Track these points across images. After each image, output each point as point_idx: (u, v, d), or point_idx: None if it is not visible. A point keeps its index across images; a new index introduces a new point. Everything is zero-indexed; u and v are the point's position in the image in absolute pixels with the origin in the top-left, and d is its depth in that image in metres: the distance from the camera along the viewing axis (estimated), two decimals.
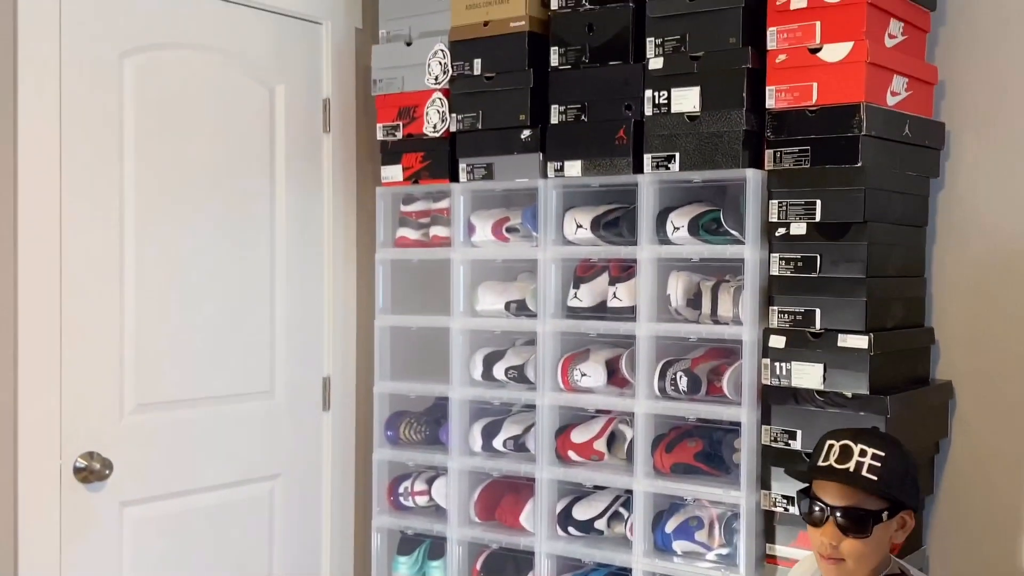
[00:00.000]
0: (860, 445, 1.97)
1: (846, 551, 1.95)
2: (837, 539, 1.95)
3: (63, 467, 2.60)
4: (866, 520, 1.94)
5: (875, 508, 1.94)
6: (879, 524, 1.95)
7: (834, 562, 1.98)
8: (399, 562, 3.14)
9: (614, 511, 2.77)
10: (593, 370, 2.77)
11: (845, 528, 1.94)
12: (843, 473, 1.95)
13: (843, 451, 1.98)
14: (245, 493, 3.05)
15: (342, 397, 3.28)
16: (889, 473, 1.95)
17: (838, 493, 1.96)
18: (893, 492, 1.95)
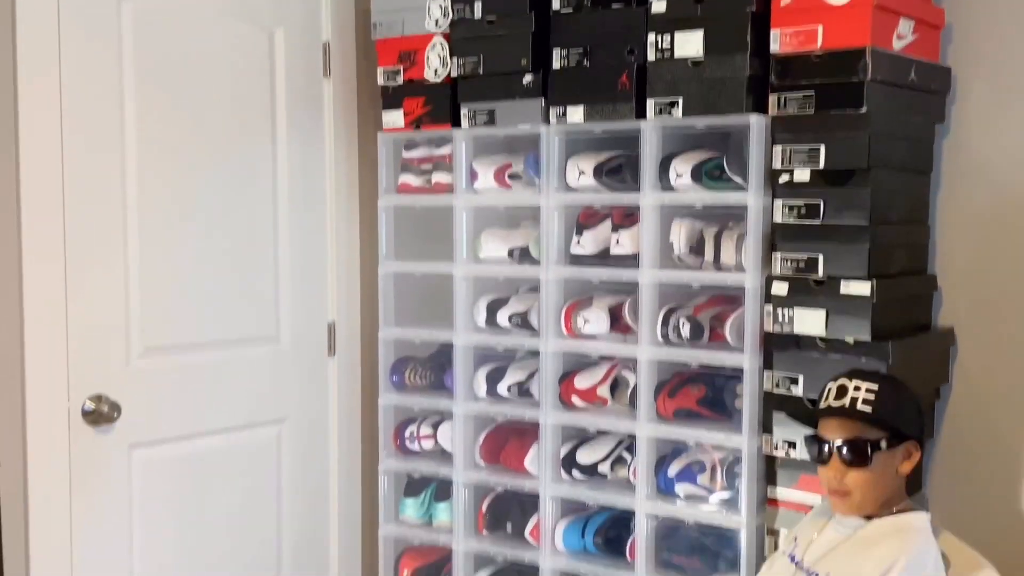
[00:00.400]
0: (855, 381, 2.06)
1: (851, 483, 2.02)
2: (842, 472, 2.02)
3: (71, 410, 2.64)
4: (866, 449, 2.01)
5: (873, 437, 2.01)
6: (879, 452, 2.01)
7: (841, 495, 2.04)
8: (406, 504, 3.19)
9: (617, 455, 2.81)
10: (596, 317, 2.79)
11: (848, 460, 2.01)
12: (839, 408, 2.04)
13: (839, 390, 2.07)
14: (252, 436, 3.09)
15: (347, 343, 3.30)
16: (883, 404, 2.02)
17: (838, 428, 2.04)
18: (888, 420, 2.01)
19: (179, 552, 2.89)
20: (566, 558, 2.84)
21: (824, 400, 2.09)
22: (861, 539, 2.04)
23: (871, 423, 2.01)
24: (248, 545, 3.07)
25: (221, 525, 2.99)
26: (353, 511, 3.33)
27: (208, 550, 2.96)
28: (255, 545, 3.10)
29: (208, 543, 2.96)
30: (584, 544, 2.80)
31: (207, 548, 2.96)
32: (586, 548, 2.81)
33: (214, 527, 2.97)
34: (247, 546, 3.07)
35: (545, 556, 2.86)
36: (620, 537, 2.77)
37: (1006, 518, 2.59)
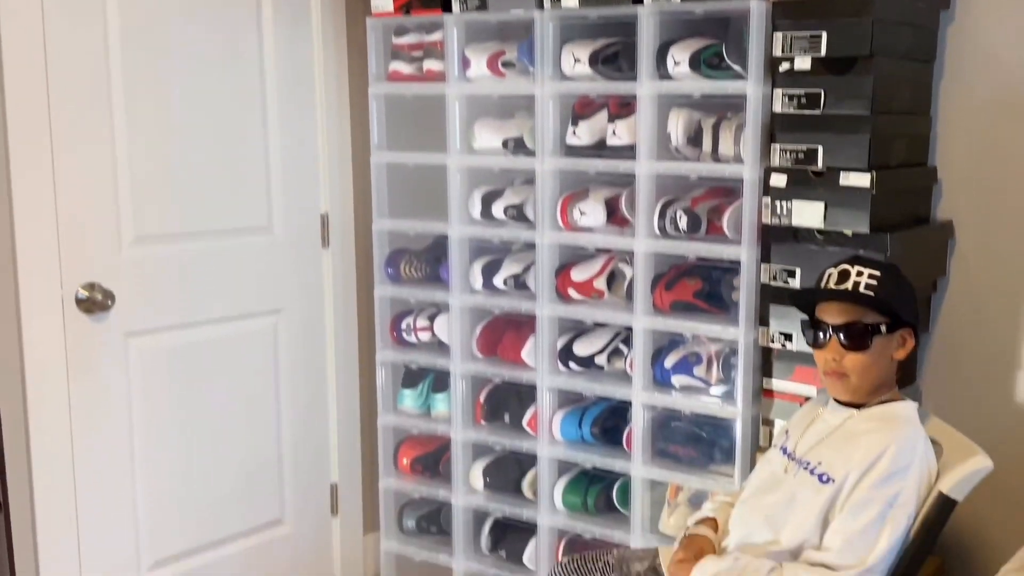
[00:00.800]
0: (857, 267, 2.07)
1: (849, 366, 2.05)
2: (840, 355, 2.05)
3: (64, 298, 2.64)
4: (865, 333, 2.03)
5: (873, 322, 2.03)
6: (878, 336, 2.04)
7: (838, 377, 2.07)
8: (404, 395, 3.22)
9: (614, 347, 2.82)
10: (592, 209, 2.76)
11: (847, 344, 2.04)
12: (842, 292, 2.05)
13: (841, 274, 2.08)
14: (249, 327, 3.10)
15: (341, 234, 3.28)
16: (885, 289, 2.03)
17: (838, 311, 2.06)
18: (890, 304, 2.03)
19: (179, 440, 2.93)
20: (564, 447, 2.88)
21: (824, 284, 2.09)
22: (851, 429, 2.07)
23: (872, 308, 2.03)
24: (248, 434, 3.11)
25: (220, 414, 3.02)
26: (351, 401, 3.37)
27: (208, 439, 3.00)
28: (255, 434, 3.13)
29: (208, 432, 3.00)
30: (581, 434, 2.84)
31: (207, 437, 2.99)
32: (583, 438, 2.85)
33: (213, 416, 3.00)
34: (247, 435, 3.11)
35: (543, 445, 2.90)
36: (617, 427, 2.81)
37: (999, 410, 2.61)
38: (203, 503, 3.01)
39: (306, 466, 3.28)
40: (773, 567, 1.96)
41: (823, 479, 2.01)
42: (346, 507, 3.38)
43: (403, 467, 3.24)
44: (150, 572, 2.89)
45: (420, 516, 3.23)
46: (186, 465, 2.95)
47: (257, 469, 3.15)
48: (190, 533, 2.99)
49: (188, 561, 2.98)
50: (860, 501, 1.94)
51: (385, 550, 3.27)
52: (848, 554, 1.91)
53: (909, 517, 1.94)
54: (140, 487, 2.85)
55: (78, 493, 2.70)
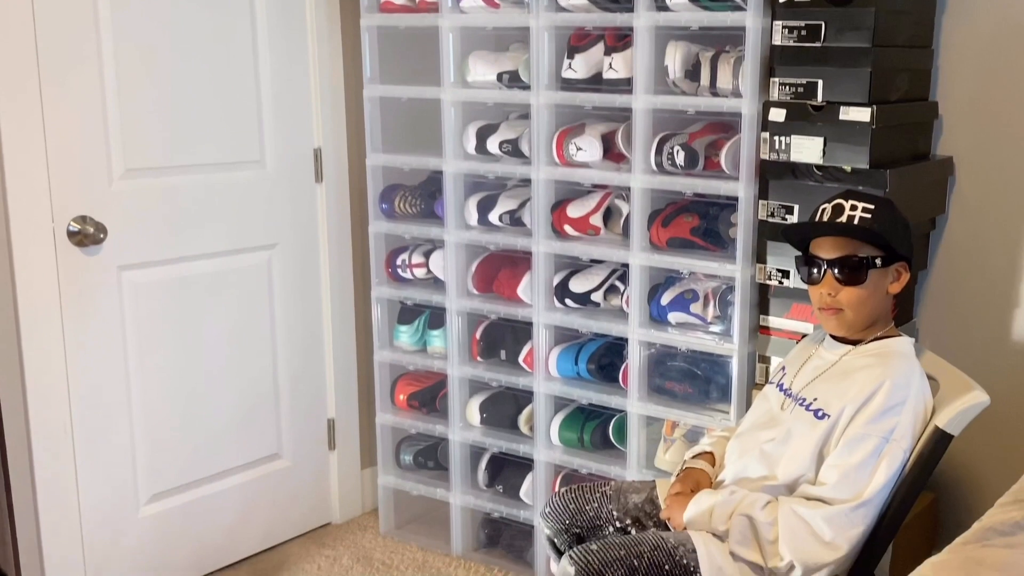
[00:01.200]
0: (851, 201, 2.05)
1: (844, 301, 2.03)
2: (835, 290, 2.03)
3: (56, 230, 2.62)
4: (860, 267, 2.02)
5: (868, 255, 2.02)
6: (873, 270, 2.02)
7: (833, 312, 2.06)
8: (400, 331, 3.22)
9: (610, 284, 2.81)
10: (589, 144, 2.72)
11: (842, 278, 2.02)
12: (836, 225, 2.03)
13: (835, 209, 2.06)
14: (243, 262, 3.08)
15: (335, 169, 3.24)
16: (880, 222, 2.01)
17: (833, 246, 2.04)
18: (885, 237, 2.01)
19: (175, 374, 2.93)
20: (560, 384, 2.89)
21: (818, 219, 2.07)
22: (847, 365, 2.06)
23: (866, 241, 2.01)
24: (244, 369, 3.11)
25: (216, 349, 3.02)
26: (347, 338, 3.36)
27: (204, 373, 3.00)
28: (251, 369, 3.13)
29: (204, 366, 3.00)
30: (577, 370, 2.85)
31: (203, 371, 2.99)
32: (579, 374, 2.85)
33: (209, 351, 3.00)
34: (243, 370, 3.11)
35: (539, 382, 2.90)
36: (613, 364, 2.81)
37: (995, 347, 2.62)
38: (200, 437, 3.02)
39: (303, 401, 3.29)
40: (769, 500, 1.97)
41: (819, 415, 2.01)
42: (343, 442, 3.40)
43: (400, 403, 3.25)
44: (148, 505, 2.91)
45: (417, 451, 3.25)
46: (182, 399, 2.96)
47: (254, 403, 3.15)
48: (188, 466, 3.00)
49: (186, 494, 3.00)
50: (856, 436, 1.94)
51: (382, 485, 3.30)
52: (844, 488, 1.92)
53: (905, 452, 1.94)
54: (137, 421, 2.85)
55: (74, 427, 2.71)
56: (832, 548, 1.89)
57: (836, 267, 2.02)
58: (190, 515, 3.01)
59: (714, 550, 1.99)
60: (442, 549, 3.19)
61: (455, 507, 3.14)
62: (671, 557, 1.98)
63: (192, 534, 3.03)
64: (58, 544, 2.70)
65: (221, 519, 3.10)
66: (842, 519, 1.90)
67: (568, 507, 2.29)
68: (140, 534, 2.90)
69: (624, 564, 1.97)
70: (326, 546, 3.26)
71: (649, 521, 2.25)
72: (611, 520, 2.26)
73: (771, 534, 1.93)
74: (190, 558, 3.03)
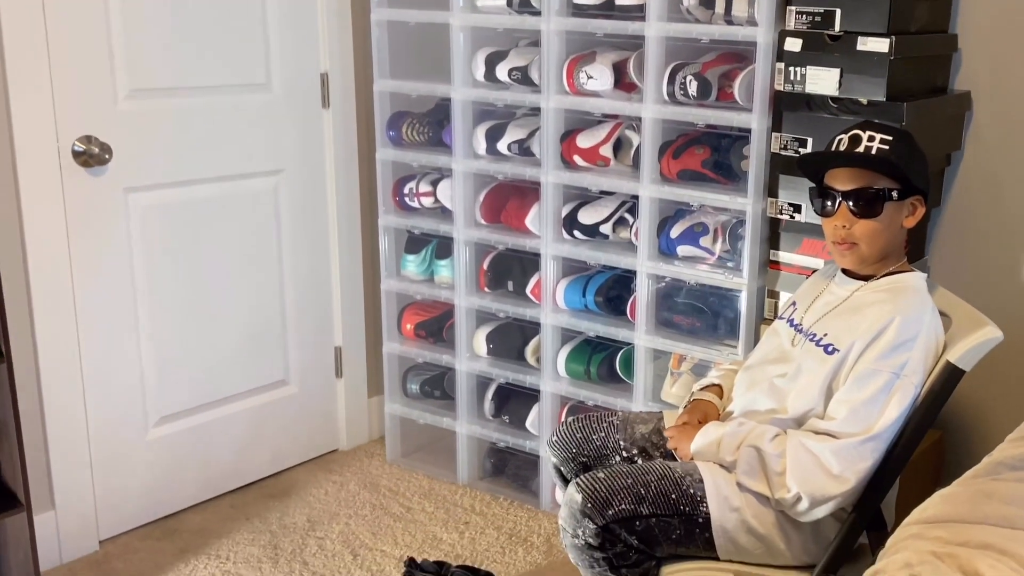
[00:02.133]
0: (868, 132, 2.01)
1: (859, 234, 2.00)
2: (850, 222, 2.00)
3: (61, 150, 2.60)
4: (876, 199, 1.98)
5: (885, 187, 1.98)
6: (889, 202, 1.99)
7: (848, 246, 2.03)
8: (407, 260, 3.20)
9: (619, 216, 2.78)
10: (600, 73, 2.68)
11: (857, 210, 1.99)
12: (854, 155, 1.99)
13: (852, 140, 2.02)
14: (250, 186, 3.07)
15: (342, 94, 3.21)
16: (897, 154, 1.98)
17: (848, 177, 2.00)
18: (902, 169, 1.97)
19: (182, 298, 2.93)
20: (567, 315, 2.88)
21: (834, 149, 2.03)
22: (858, 301, 2.04)
23: (883, 173, 1.98)
24: (251, 294, 3.11)
25: (222, 274, 3.02)
26: (354, 266, 3.35)
27: (211, 298, 3.00)
28: (258, 295, 3.13)
29: (210, 291, 3.00)
30: (585, 303, 2.84)
31: (210, 295, 3.00)
32: (587, 306, 2.84)
33: (216, 276, 3.00)
34: (250, 295, 3.11)
35: (546, 313, 2.90)
36: (621, 297, 2.80)
37: (1007, 287, 2.60)
38: (208, 361, 3.03)
39: (310, 328, 3.29)
40: (777, 433, 1.97)
41: (829, 350, 2.00)
42: (350, 370, 3.41)
43: (407, 332, 3.25)
44: (156, 428, 2.94)
45: (424, 380, 3.26)
46: (190, 323, 2.96)
47: (261, 329, 3.16)
48: (196, 390, 3.02)
49: (194, 417, 3.03)
50: (866, 372, 1.93)
51: (389, 413, 3.32)
52: (853, 423, 1.91)
53: (916, 387, 1.93)
54: (144, 344, 2.87)
55: (82, 350, 2.72)
56: (840, 481, 1.90)
57: (851, 199, 1.99)
58: (198, 438, 3.04)
59: (720, 480, 2.00)
60: (448, 478, 3.22)
61: (461, 436, 3.16)
62: (678, 486, 1.99)
63: (200, 457, 3.06)
64: (66, 466, 2.73)
65: (229, 443, 3.13)
66: (851, 452, 1.90)
67: (575, 436, 2.29)
68: (148, 456, 2.93)
69: (631, 492, 1.98)
70: (333, 472, 3.29)
71: (656, 451, 2.25)
72: (618, 450, 2.27)
73: (779, 466, 1.93)
74: (198, 480, 3.06)
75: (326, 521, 2.98)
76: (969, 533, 1.55)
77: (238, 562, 2.77)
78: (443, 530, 2.93)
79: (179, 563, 2.76)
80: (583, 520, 1.97)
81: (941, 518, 1.62)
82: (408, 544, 2.85)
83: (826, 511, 1.93)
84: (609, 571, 2.00)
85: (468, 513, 3.03)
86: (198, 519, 3.00)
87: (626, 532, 1.97)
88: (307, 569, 2.73)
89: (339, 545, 2.85)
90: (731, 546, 1.99)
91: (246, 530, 2.94)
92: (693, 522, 1.98)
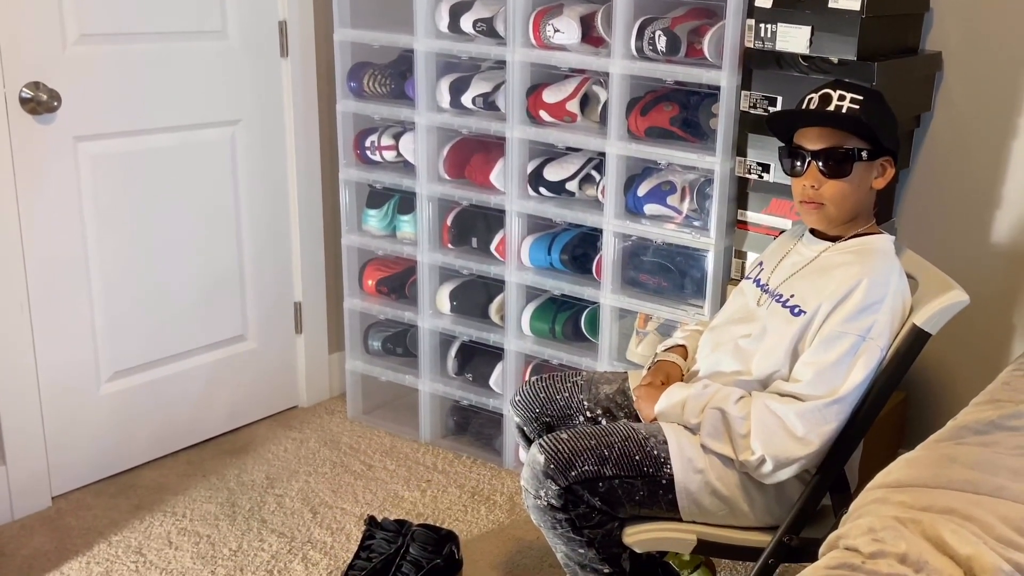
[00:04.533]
0: (839, 91, 1.99)
1: (827, 194, 1.98)
2: (819, 182, 1.98)
3: (8, 96, 2.53)
4: (846, 159, 1.96)
5: (855, 147, 1.96)
6: (859, 163, 1.96)
7: (815, 206, 2.01)
8: (369, 215, 3.15)
9: (586, 173, 2.74)
10: (567, 26, 2.62)
11: (826, 170, 1.97)
12: (824, 114, 1.97)
13: (822, 99, 1.99)
14: (205, 136, 2.99)
15: (301, 43, 3.13)
16: (868, 113, 1.96)
17: (818, 136, 1.98)
18: (873, 129, 1.95)
19: (135, 250, 2.87)
20: (532, 273, 2.85)
21: (805, 108, 2.01)
22: (825, 262, 2.03)
23: (853, 132, 1.95)
24: (207, 248, 3.05)
25: (177, 226, 2.95)
26: (314, 220, 3.29)
27: (165, 250, 2.94)
28: (215, 248, 3.07)
29: (165, 243, 2.93)
30: (550, 260, 2.80)
31: (164, 248, 2.94)
32: (552, 264, 2.81)
33: (170, 227, 2.94)
34: (206, 249, 3.05)
35: (511, 271, 2.86)
36: (587, 255, 2.77)
37: (975, 248, 2.60)
38: (163, 315, 2.97)
39: (269, 283, 3.23)
40: (742, 395, 1.96)
41: (795, 311, 1.98)
42: (310, 326, 3.36)
43: (368, 288, 3.20)
44: (110, 383, 2.88)
45: (386, 337, 3.23)
46: (144, 276, 2.90)
47: (217, 283, 3.10)
48: (150, 345, 2.97)
49: (149, 373, 2.98)
50: (832, 334, 1.92)
51: (350, 370, 3.28)
52: (820, 385, 1.91)
53: (882, 350, 1.92)
54: (96, 297, 2.80)
55: (31, 302, 2.65)
56: (804, 443, 1.89)
57: (821, 159, 1.96)
58: (153, 394, 2.99)
59: (684, 441, 1.99)
60: (410, 435, 3.19)
61: (424, 394, 3.13)
62: (642, 448, 1.98)
63: (155, 413, 3.01)
64: (17, 421, 2.68)
65: (185, 399, 3.08)
66: (815, 415, 1.90)
67: (538, 396, 2.27)
68: (102, 412, 2.88)
69: (594, 454, 1.96)
70: (293, 428, 3.25)
71: (620, 412, 2.24)
72: (581, 410, 2.25)
73: (743, 428, 1.92)
74: (154, 436, 3.02)
75: (285, 478, 2.95)
76: (932, 498, 1.55)
77: (195, 519, 2.73)
78: (404, 488, 2.91)
79: (134, 520, 2.72)
80: (545, 481, 1.96)
81: (905, 482, 1.62)
82: (369, 502, 2.83)
83: (790, 473, 1.93)
84: (572, 532, 1.99)
85: (430, 471, 3.01)
86: (154, 475, 2.95)
87: (589, 493, 1.95)
88: (265, 527, 2.70)
89: (298, 503, 2.82)
90: (695, 507, 1.99)
91: (203, 487, 2.90)
92: (657, 483, 1.97)
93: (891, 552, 1.41)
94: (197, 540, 2.64)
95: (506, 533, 2.69)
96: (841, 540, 1.50)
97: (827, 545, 1.53)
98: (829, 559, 1.45)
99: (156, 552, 2.59)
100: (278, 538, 2.65)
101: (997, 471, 1.61)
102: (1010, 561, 1.39)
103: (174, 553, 2.59)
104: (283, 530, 2.68)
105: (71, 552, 2.58)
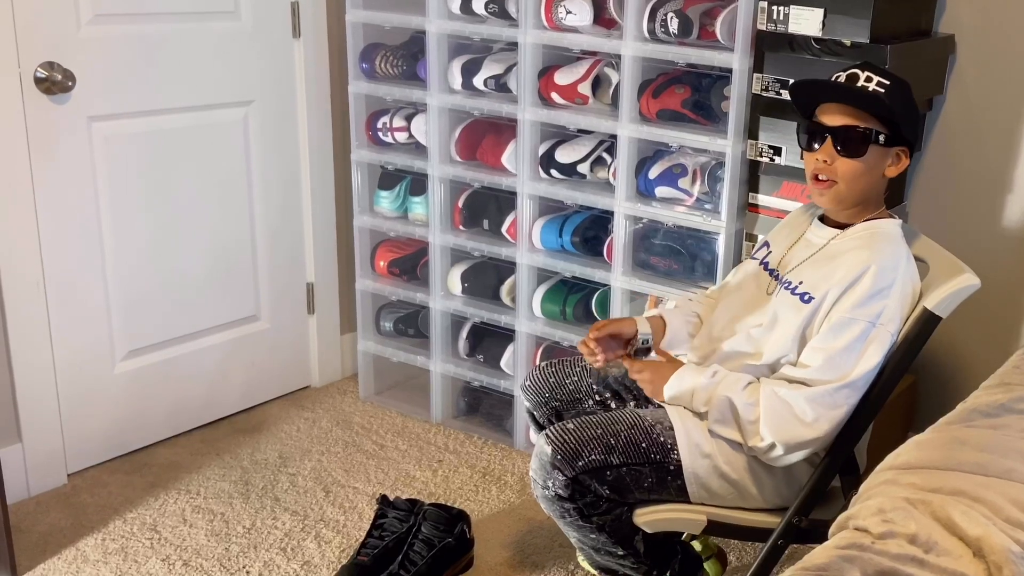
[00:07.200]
0: (867, 72, 1.97)
1: (840, 172, 1.96)
2: (832, 158, 1.96)
3: (23, 76, 2.54)
4: (863, 139, 1.95)
5: (873, 128, 1.95)
6: (875, 145, 1.95)
7: (827, 184, 1.99)
8: (381, 196, 3.16)
9: (597, 156, 2.75)
10: (579, 8, 2.62)
11: (842, 148, 1.95)
12: (852, 88, 1.95)
13: (850, 78, 1.98)
14: (218, 117, 3.00)
15: (313, 24, 3.14)
16: (893, 99, 1.94)
17: (839, 113, 1.96)
18: (895, 113, 1.94)
19: (149, 231, 2.89)
20: (543, 255, 2.86)
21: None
22: (834, 249, 2.02)
23: (875, 114, 1.94)
24: (221, 228, 3.07)
25: (191, 207, 2.97)
26: (327, 201, 3.30)
27: (179, 231, 2.96)
28: (228, 229, 3.09)
29: (179, 224, 2.95)
30: (561, 243, 2.81)
31: (178, 228, 2.95)
32: (563, 247, 2.82)
33: (183, 208, 2.95)
34: (220, 229, 3.06)
35: (522, 253, 2.87)
36: (598, 237, 2.78)
37: (986, 233, 2.60)
38: (177, 295, 2.99)
39: (281, 264, 3.25)
40: (750, 381, 1.97)
41: (804, 299, 1.98)
42: (322, 307, 3.38)
43: (380, 269, 3.22)
44: (124, 362, 2.91)
45: (397, 318, 3.24)
46: (158, 256, 2.92)
47: (231, 264, 3.12)
48: (164, 324, 2.99)
49: (163, 352, 3.00)
50: (842, 321, 1.92)
51: (362, 350, 3.30)
52: (829, 371, 1.91)
53: (892, 335, 1.92)
54: (111, 277, 2.82)
55: (47, 281, 2.68)
56: (814, 427, 1.90)
57: (839, 136, 1.95)
58: (167, 373, 3.01)
59: (691, 427, 2.00)
60: (421, 416, 3.21)
61: (435, 375, 3.15)
62: (648, 435, 1.99)
63: (169, 392, 3.03)
64: (33, 398, 2.71)
65: (199, 378, 3.10)
66: (825, 399, 1.90)
67: (548, 381, 2.29)
68: (116, 390, 2.90)
69: (601, 443, 1.98)
70: (305, 408, 3.27)
71: (628, 395, 2.25)
72: (590, 394, 2.27)
73: (752, 415, 1.93)
74: (168, 415, 3.04)
75: (298, 457, 2.97)
76: (942, 480, 1.56)
77: (208, 497, 2.76)
78: (416, 468, 2.94)
79: (148, 497, 2.75)
80: (553, 472, 1.97)
81: (914, 464, 1.63)
82: (381, 482, 2.85)
83: (800, 456, 1.95)
84: (580, 520, 2.01)
85: (441, 451, 3.03)
86: (168, 453, 2.98)
87: (596, 483, 1.97)
88: (279, 505, 2.72)
89: (311, 482, 2.84)
90: (703, 492, 2.00)
91: (217, 465, 2.92)
92: (664, 470, 1.99)
93: (901, 532, 1.42)
94: (211, 518, 2.67)
95: (517, 513, 2.71)
96: (851, 521, 1.52)
97: (837, 526, 1.54)
98: (839, 539, 1.47)
99: (171, 529, 2.62)
100: (291, 516, 2.68)
101: (1007, 453, 1.62)
102: (1019, 542, 1.41)
103: (188, 530, 2.62)
104: (296, 508, 2.71)
105: (86, 529, 2.61)
